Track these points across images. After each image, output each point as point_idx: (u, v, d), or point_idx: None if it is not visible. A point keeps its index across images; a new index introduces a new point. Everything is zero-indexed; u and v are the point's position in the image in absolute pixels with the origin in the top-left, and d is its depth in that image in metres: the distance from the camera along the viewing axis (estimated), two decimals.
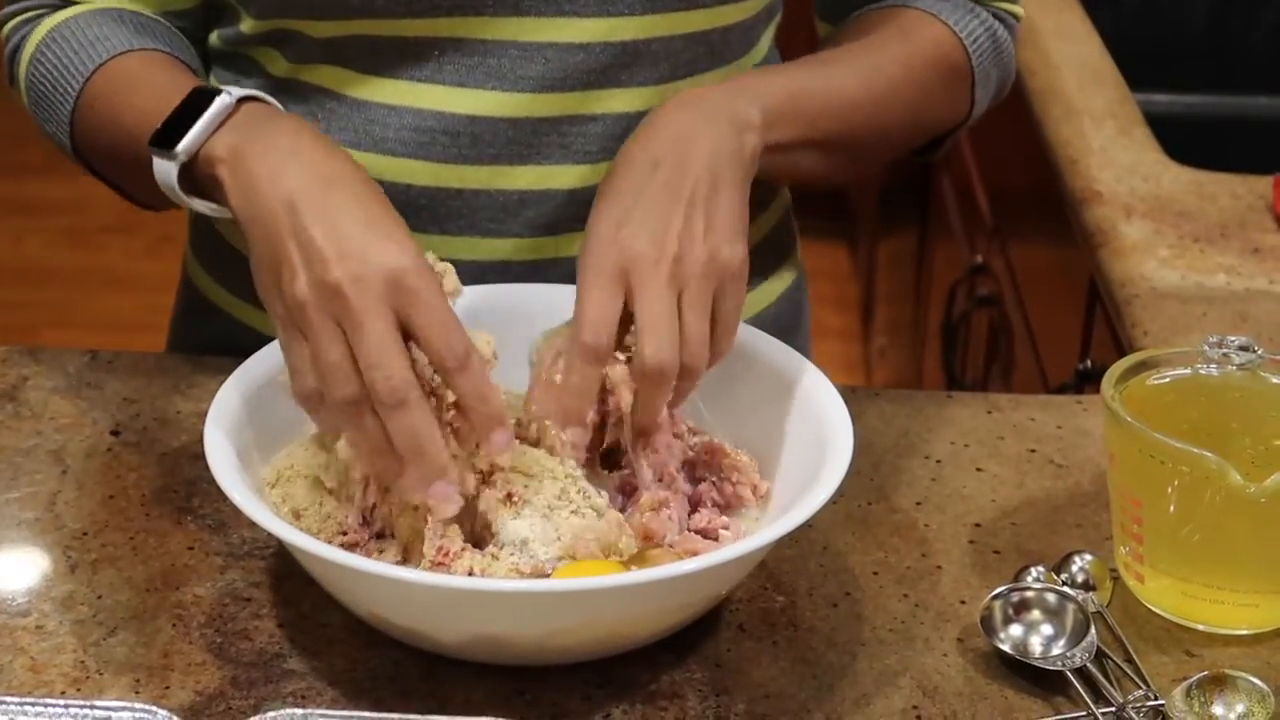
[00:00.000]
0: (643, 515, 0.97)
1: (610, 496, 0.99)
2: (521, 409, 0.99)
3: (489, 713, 0.87)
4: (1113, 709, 0.92)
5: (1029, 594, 0.97)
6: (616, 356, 0.97)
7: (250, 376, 1.01)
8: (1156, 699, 0.93)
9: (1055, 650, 0.95)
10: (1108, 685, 0.93)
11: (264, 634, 0.96)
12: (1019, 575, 1.00)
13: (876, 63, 1.14)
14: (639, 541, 0.96)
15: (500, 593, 0.88)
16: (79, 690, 0.92)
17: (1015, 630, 0.96)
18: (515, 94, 1.10)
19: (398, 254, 0.91)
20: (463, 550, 0.93)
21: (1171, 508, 0.96)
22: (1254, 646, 0.98)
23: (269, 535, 0.99)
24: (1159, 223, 1.46)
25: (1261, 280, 1.37)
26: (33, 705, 0.83)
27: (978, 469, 1.12)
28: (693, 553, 0.95)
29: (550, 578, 0.92)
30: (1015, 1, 1.23)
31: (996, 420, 1.17)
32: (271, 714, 0.83)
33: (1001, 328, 1.94)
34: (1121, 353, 1.29)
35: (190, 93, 1.02)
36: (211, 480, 0.93)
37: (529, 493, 0.95)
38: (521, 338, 1.04)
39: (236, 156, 0.98)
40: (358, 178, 0.97)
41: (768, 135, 1.05)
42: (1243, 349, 1.02)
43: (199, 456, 0.97)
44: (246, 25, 1.15)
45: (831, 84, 1.12)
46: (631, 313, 0.96)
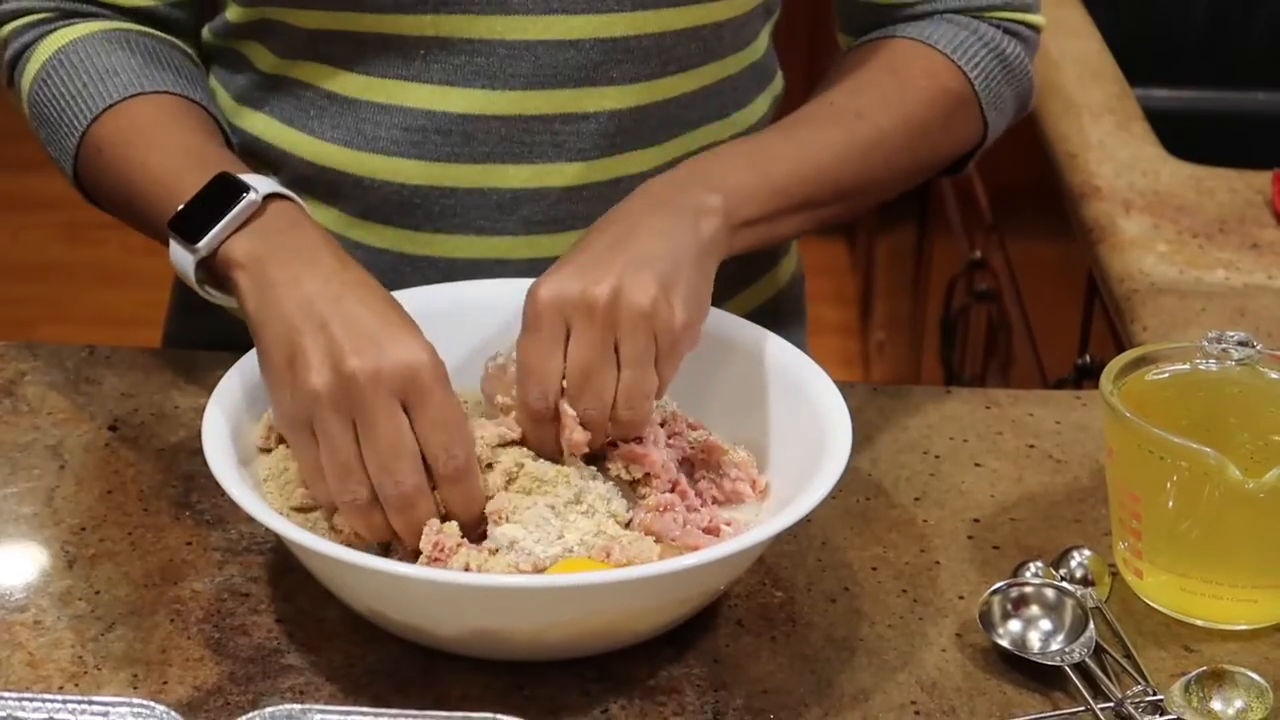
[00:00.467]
0: (646, 515, 0.97)
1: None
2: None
3: (487, 708, 0.87)
4: (1111, 704, 0.92)
5: (1027, 589, 0.97)
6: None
7: (249, 371, 1.01)
8: (1155, 694, 0.93)
9: (1054, 646, 0.95)
10: (1106, 681, 0.93)
11: (262, 629, 0.96)
12: (1017, 571, 1.00)
13: (859, 111, 1.10)
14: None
15: (498, 588, 0.88)
16: (77, 686, 0.92)
17: (1014, 626, 0.96)
18: (505, 92, 1.10)
19: (413, 349, 0.92)
20: (459, 546, 0.93)
21: (1170, 503, 0.96)
22: (1252, 642, 0.98)
23: (267, 530, 0.99)
24: (1158, 218, 1.46)
25: (1260, 275, 1.37)
26: (31, 701, 0.83)
27: (976, 464, 1.12)
28: (693, 548, 0.95)
29: (546, 574, 0.93)
30: (1032, 10, 1.18)
31: (995, 415, 1.17)
32: (269, 709, 0.83)
33: (1000, 323, 1.94)
34: (1120, 348, 1.29)
35: (214, 179, 1.00)
36: (209, 475, 0.93)
37: (528, 499, 0.95)
38: (512, 333, 1.04)
39: (257, 264, 0.97)
40: (373, 285, 0.97)
41: (733, 216, 1.02)
42: (1241, 344, 1.02)
43: (197, 452, 0.97)
44: (232, 13, 1.14)
45: (805, 147, 1.08)
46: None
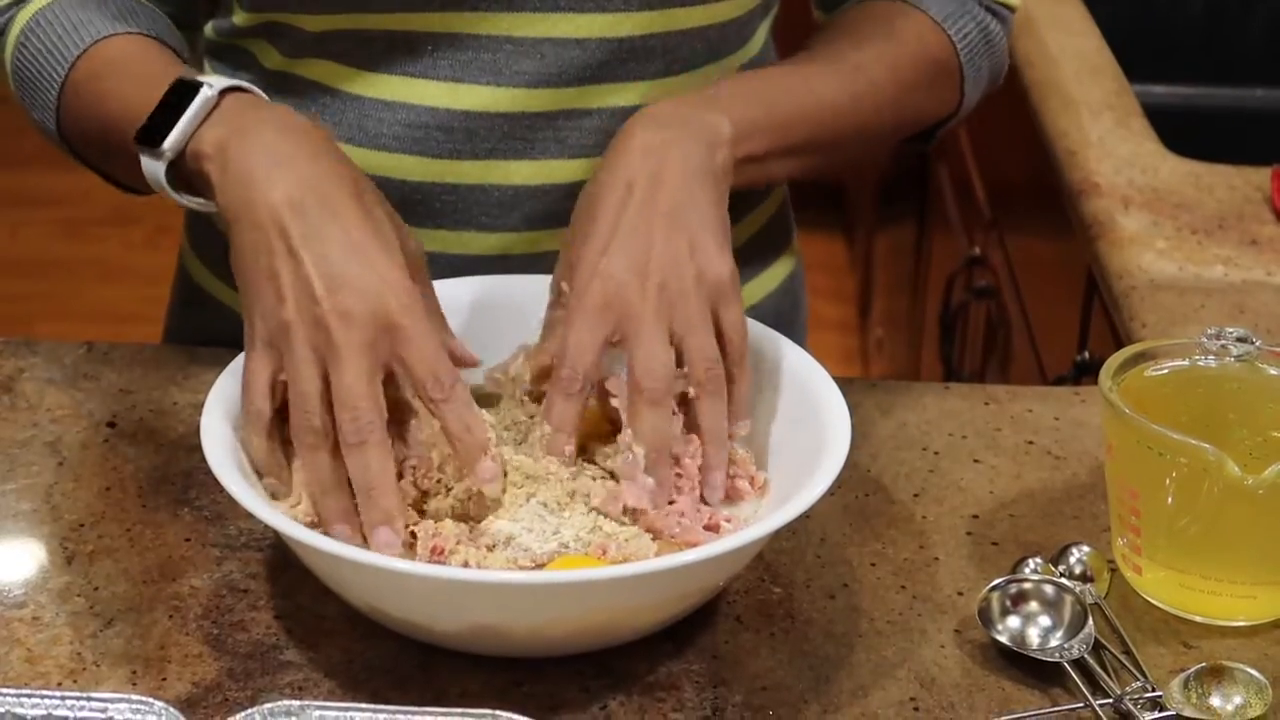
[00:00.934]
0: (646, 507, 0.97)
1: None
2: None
3: (486, 704, 0.87)
4: (1110, 700, 0.92)
5: (1026, 585, 0.97)
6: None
7: None
8: (1154, 690, 0.93)
9: (1053, 642, 0.95)
10: (1105, 677, 0.93)
11: (261, 625, 0.96)
12: (1016, 567, 1.00)
13: (859, 63, 1.13)
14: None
15: (497, 584, 0.88)
16: (75, 682, 0.92)
17: (1013, 622, 0.96)
18: (510, 89, 1.10)
19: (384, 287, 0.92)
20: (457, 545, 0.93)
21: (1169, 499, 0.96)
22: (1251, 638, 0.98)
23: (266, 527, 0.99)
24: (1157, 214, 1.46)
25: (1259, 272, 1.37)
26: (29, 697, 0.83)
27: (975, 460, 1.12)
28: (693, 544, 0.95)
29: (545, 570, 0.93)
30: None
31: (994, 412, 1.17)
32: (268, 705, 0.83)
33: (999, 319, 1.94)
34: (1119, 344, 1.29)
35: (172, 84, 1.01)
36: (208, 472, 0.93)
37: (519, 493, 0.95)
38: (513, 328, 1.04)
39: (223, 151, 0.97)
40: (346, 180, 0.96)
41: (739, 149, 1.04)
42: (1240, 340, 1.02)
43: (196, 448, 0.97)
44: (239, 18, 1.14)
45: (809, 89, 1.10)
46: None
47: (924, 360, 2.40)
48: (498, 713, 0.83)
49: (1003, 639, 0.95)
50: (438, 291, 1.08)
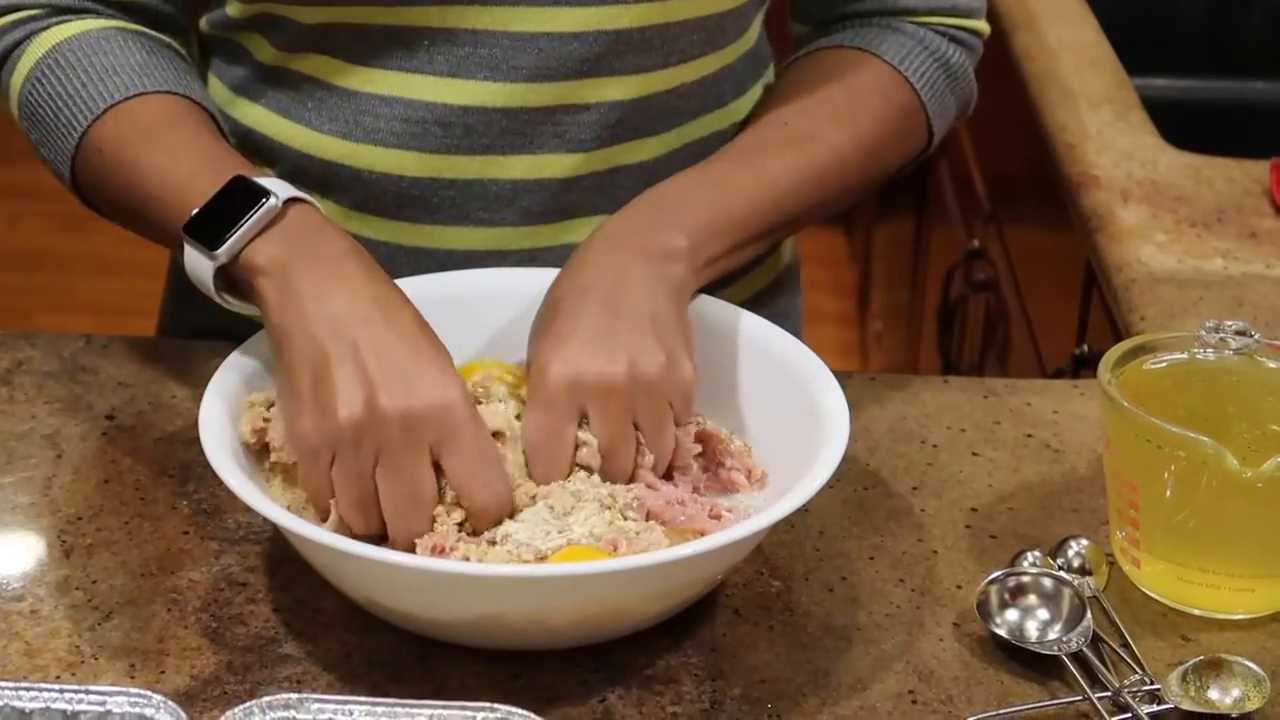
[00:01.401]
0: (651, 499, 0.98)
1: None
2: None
3: (484, 697, 0.87)
4: (1109, 694, 0.92)
5: (1025, 579, 0.97)
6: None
7: (245, 361, 1.01)
8: (1152, 684, 0.93)
9: (1051, 635, 0.95)
10: (1104, 670, 0.93)
11: (259, 619, 0.96)
12: (1015, 560, 1.00)
13: (813, 134, 1.11)
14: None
15: (496, 577, 0.88)
16: (74, 675, 0.92)
17: (1011, 615, 0.96)
18: (508, 83, 1.10)
19: (445, 386, 0.92)
20: (458, 543, 0.93)
21: (1167, 492, 0.96)
22: (1250, 631, 0.98)
23: (264, 520, 0.99)
24: (1156, 207, 1.46)
25: (1258, 265, 1.37)
26: (27, 690, 0.83)
27: (974, 454, 1.12)
28: (700, 532, 0.95)
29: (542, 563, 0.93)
30: (976, 15, 1.19)
31: (993, 405, 1.17)
32: (267, 699, 0.83)
33: (998, 312, 1.94)
34: (1118, 337, 1.29)
35: (230, 183, 0.99)
36: (206, 465, 0.93)
37: (527, 497, 0.96)
38: (513, 322, 1.04)
39: (281, 271, 0.96)
40: (401, 300, 0.97)
41: (697, 258, 1.03)
42: (1239, 334, 1.02)
43: (194, 441, 0.97)
44: (232, 8, 1.14)
45: (763, 178, 1.08)
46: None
47: (923, 353, 2.40)
48: (496, 706, 0.83)
49: (1001, 632, 0.95)
50: (436, 286, 1.08)
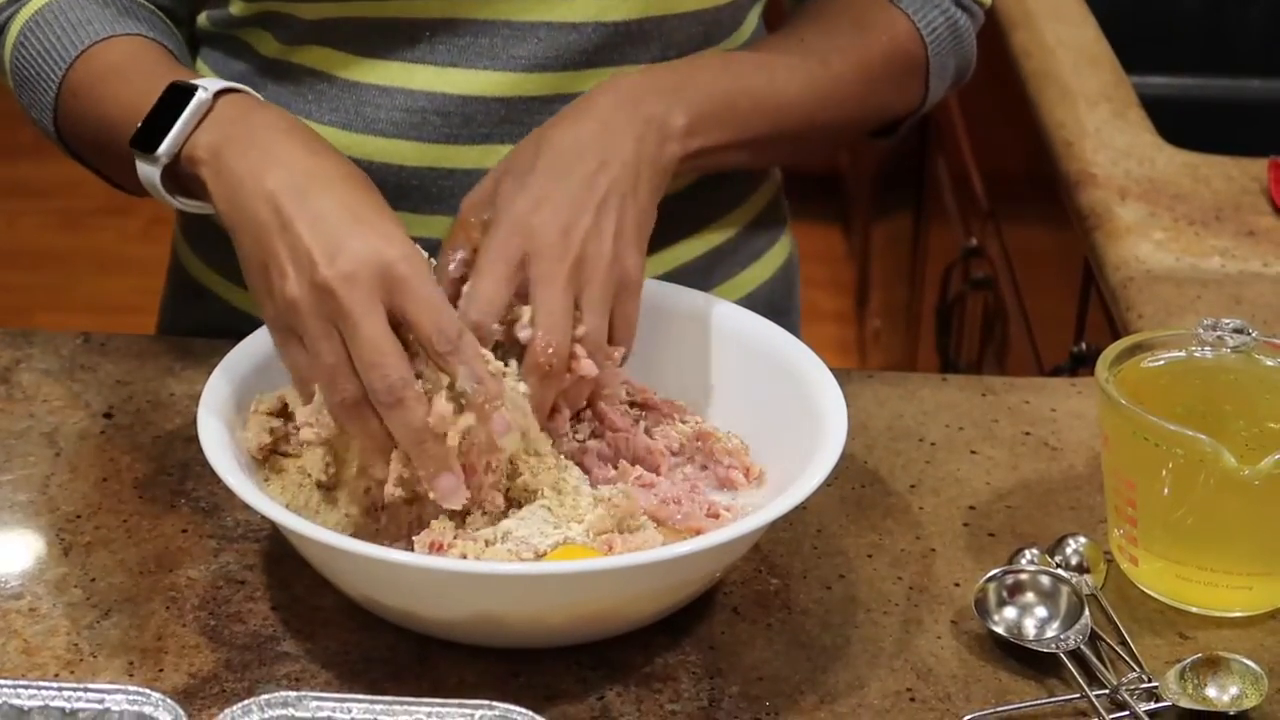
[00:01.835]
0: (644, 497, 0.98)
1: (591, 465, 1.00)
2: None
3: (483, 695, 0.87)
4: (1106, 691, 0.92)
5: (1023, 576, 0.97)
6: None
7: (243, 359, 1.01)
8: (1150, 681, 0.93)
9: (1049, 633, 0.95)
10: (1101, 668, 0.93)
11: (258, 617, 0.96)
12: (1013, 558, 1.00)
13: (825, 55, 1.13)
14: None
15: (494, 574, 0.88)
16: (72, 673, 0.92)
17: (1009, 613, 0.96)
18: (507, 73, 1.10)
19: (383, 244, 0.91)
20: (455, 541, 0.93)
21: (1165, 490, 0.96)
22: (1247, 629, 0.98)
23: (262, 518, 0.99)
24: (1154, 205, 1.46)
25: (1256, 263, 1.37)
26: (26, 688, 0.83)
27: (972, 452, 1.12)
28: (696, 531, 0.96)
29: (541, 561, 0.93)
30: None
31: (991, 403, 1.17)
32: (265, 697, 0.83)
33: (996, 311, 1.94)
34: (1116, 335, 1.29)
35: (167, 89, 1.01)
36: (205, 463, 0.93)
37: (518, 490, 0.96)
38: None
39: (217, 156, 0.97)
40: (340, 168, 0.97)
41: (690, 143, 1.05)
42: (1237, 331, 1.02)
43: (192, 439, 0.97)
44: (236, 7, 1.15)
45: (773, 82, 1.10)
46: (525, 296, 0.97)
47: (921, 351, 2.40)
48: (494, 703, 0.83)
49: (999, 630, 0.95)
50: None
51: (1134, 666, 0.94)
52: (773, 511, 0.91)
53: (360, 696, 0.83)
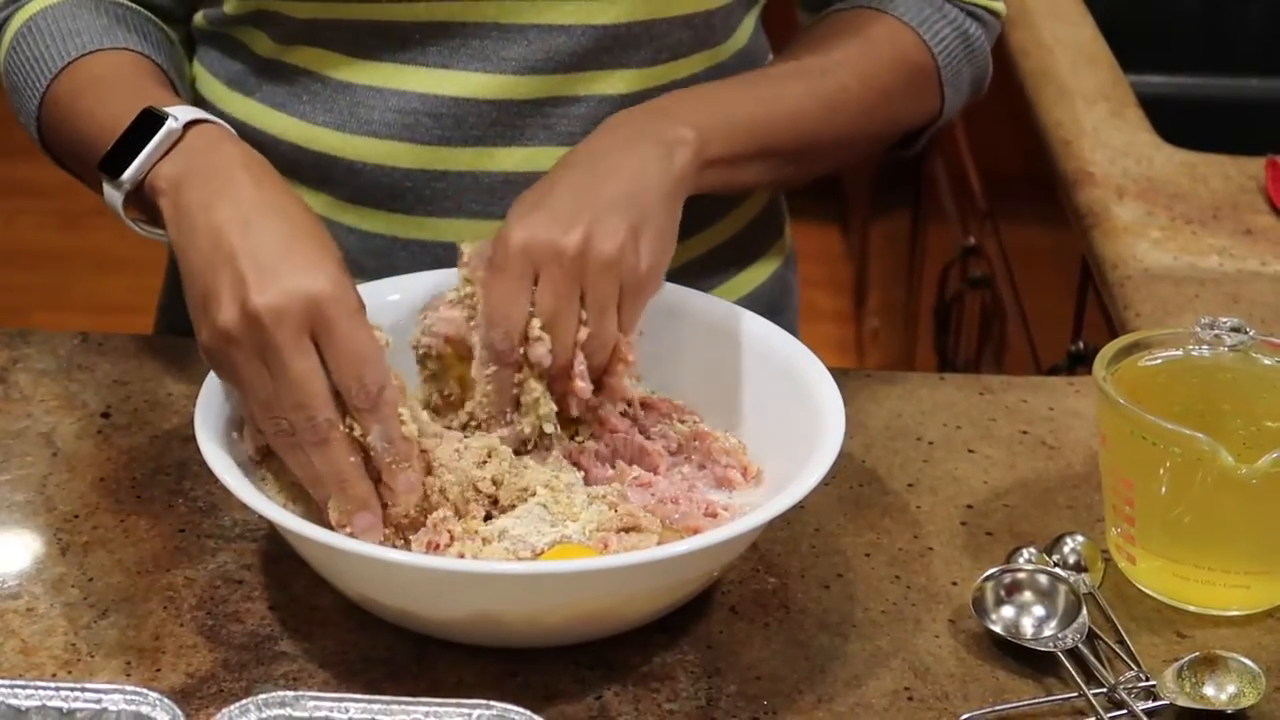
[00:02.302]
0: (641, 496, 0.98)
1: (589, 465, 1.00)
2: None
3: (481, 695, 0.87)
4: (1104, 690, 0.92)
5: (1021, 575, 0.97)
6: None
7: None
8: (1148, 680, 0.93)
9: (1047, 631, 0.95)
10: (1099, 666, 0.94)
11: (255, 616, 0.96)
12: (1011, 557, 1.00)
13: (829, 69, 1.12)
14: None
15: (492, 574, 0.88)
16: (70, 673, 0.92)
17: (1007, 611, 0.96)
18: (499, 75, 1.10)
19: (315, 281, 0.91)
20: (451, 542, 0.93)
21: (1163, 489, 0.96)
22: (1245, 627, 0.98)
23: (260, 518, 0.99)
24: (1151, 204, 1.46)
25: (1254, 262, 1.37)
26: (23, 688, 0.83)
27: (970, 451, 1.12)
28: (694, 530, 0.96)
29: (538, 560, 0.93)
30: None
31: (988, 402, 1.17)
32: (263, 696, 0.83)
33: (994, 309, 1.94)
34: (1114, 334, 1.29)
35: (139, 115, 1.01)
36: (202, 462, 0.93)
37: (522, 495, 0.96)
38: None
39: (176, 188, 0.98)
40: (288, 205, 0.96)
41: (704, 152, 1.04)
42: (1234, 330, 1.02)
43: (190, 439, 0.97)
44: (229, 5, 1.15)
45: (780, 97, 1.10)
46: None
47: (919, 350, 2.41)
48: (492, 703, 0.83)
49: (997, 629, 0.95)
50: (437, 284, 1.08)
51: (1132, 665, 0.94)
52: (770, 511, 0.91)
53: (358, 696, 0.83)
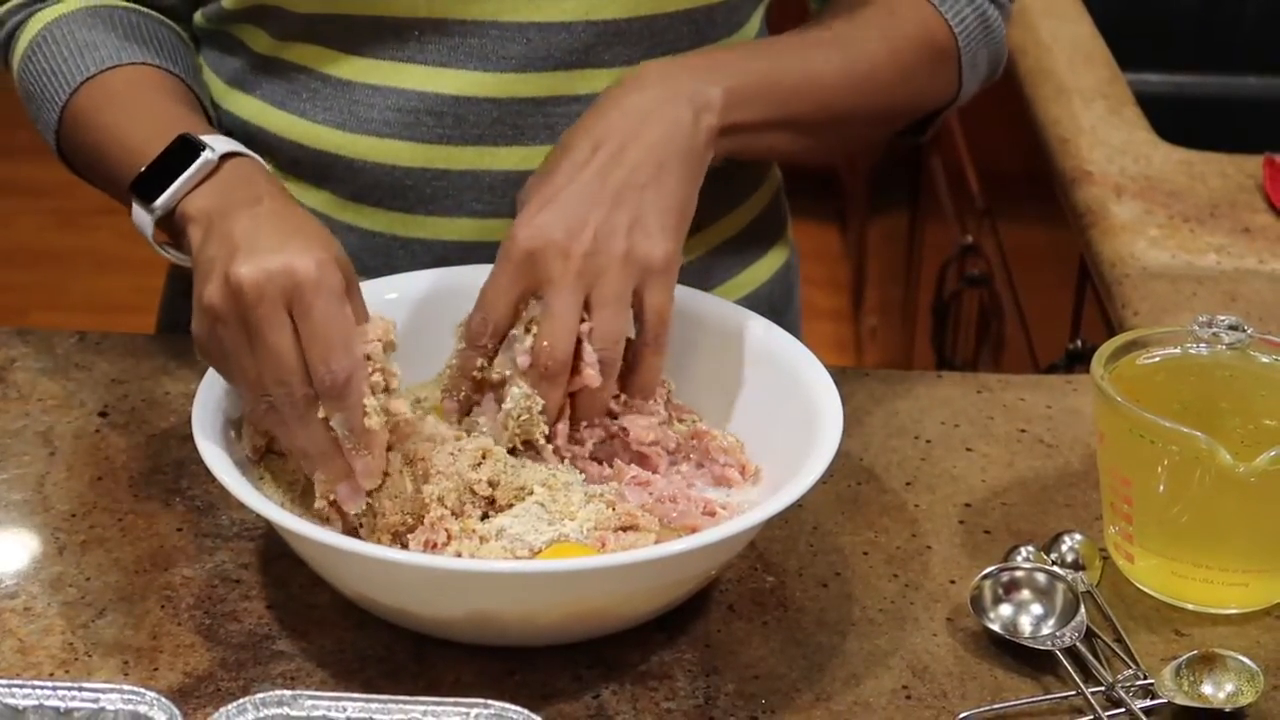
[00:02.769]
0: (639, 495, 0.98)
1: (588, 465, 1.00)
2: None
3: (479, 694, 0.87)
4: (1102, 688, 0.92)
5: (1019, 574, 0.97)
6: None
7: None
8: (1146, 678, 0.93)
9: (1045, 630, 0.95)
10: (1097, 665, 0.94)
11: (253, 615, 0.96)
12: (1009, 555, 1.00)
13: (858, 43, 1.13)
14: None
15: (490, 573, 0.88)
16: (67, 672, 0.92)
17: (1005, 610, 0.96)
18: (498, 74, 1.10)
19: (299, 259, 0.91)
20: (449, 541, 0.93)
21: (1161, 487, 0.96)
22: (1243, 625, 0.98)
23: (258, 517, 0.99)
24: (1149, 202, 1.46)
25: (1251, 260, 1.37)
26: (21, 687, 0.83)
27: (968, 449, 1.12)
28: (692, 529, 0.96)
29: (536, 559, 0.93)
30: None
31: (986, 400, 1.17)
32: (261, 695, 0.83)
33: (992, 308, 1.94)
34: (1111, 332, 1.29)
35: (175, 141, 1.01)
36: (200, 461, 0.93)
37: (520, 494, 0.96)
38: None
39: (207, 218, 0.97)
40: (304, 221, 0.96)
41: (729, 116, 1.04)
42: (1232, 328, 1.02)
43: (187, 438, 0.97)
44: (228, 1, 1.14)
45: (808, 65, 1.10)
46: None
47: (917, 349, 2.41)
48: (490, 702, 0.83)
49: (995, 627, 0.95)
50: (434, 283, 1.08)
51: (1130, 664, 0.94)
52: (768, 509, 0.91)
53: (356, 695, 0.83)
